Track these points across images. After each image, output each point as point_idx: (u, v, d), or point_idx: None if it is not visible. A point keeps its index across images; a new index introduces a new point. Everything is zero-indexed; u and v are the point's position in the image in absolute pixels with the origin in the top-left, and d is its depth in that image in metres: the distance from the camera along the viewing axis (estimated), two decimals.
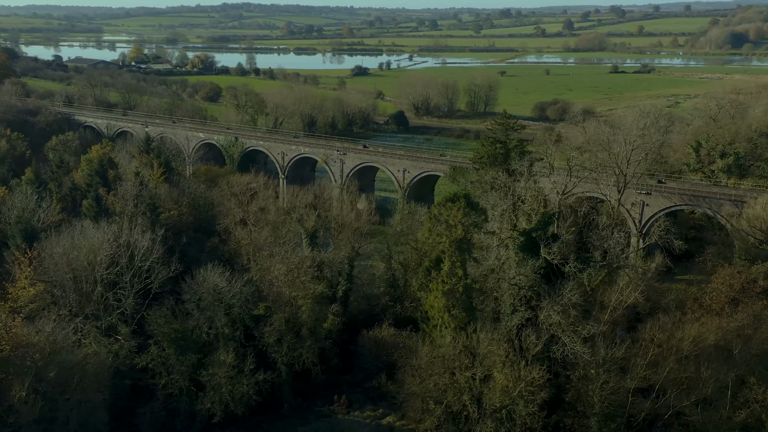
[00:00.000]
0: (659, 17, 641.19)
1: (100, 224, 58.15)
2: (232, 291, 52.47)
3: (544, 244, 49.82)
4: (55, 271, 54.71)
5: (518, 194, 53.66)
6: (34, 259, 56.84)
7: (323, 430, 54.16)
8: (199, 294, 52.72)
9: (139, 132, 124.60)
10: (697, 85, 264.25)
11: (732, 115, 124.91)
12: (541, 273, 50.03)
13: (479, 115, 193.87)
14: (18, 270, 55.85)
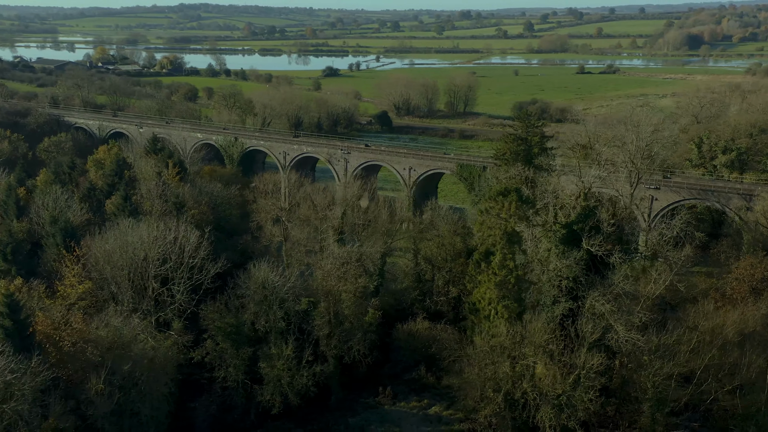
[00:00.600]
0: (615, 19, 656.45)
1: (149, 222, 58.53)
2: (287, 285, 53.64)
3: (586, 236, 52.21)
4: (109, 268, 55.22)
5: (554, 189, 56.09)
6: (81, 257, 57.24)
7: (373, 420, 55.61)
8: (253, 288, 53.75)
9: (133, 133, 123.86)
10: (662, 85, 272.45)
11: (713, 114, 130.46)
12: (582, 264, 52.44)
13: (459, 115, 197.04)
14: (65, 268, 56.19)
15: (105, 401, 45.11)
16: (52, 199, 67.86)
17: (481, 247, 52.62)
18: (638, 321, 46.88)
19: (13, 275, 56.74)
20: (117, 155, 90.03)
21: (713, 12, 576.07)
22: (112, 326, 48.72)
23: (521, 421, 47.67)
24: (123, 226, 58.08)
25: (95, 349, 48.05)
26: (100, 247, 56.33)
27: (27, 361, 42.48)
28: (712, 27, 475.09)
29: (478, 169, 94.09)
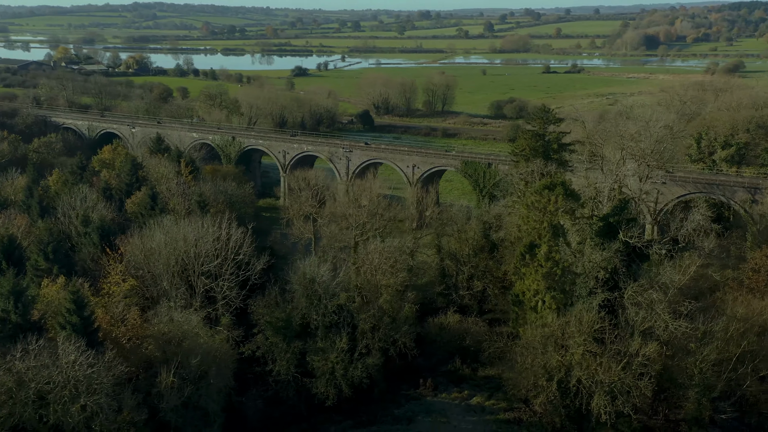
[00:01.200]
0: (571, 20, 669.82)
1: (193, 219, 58.92)
2: (336, 280, 54.71)
3: (624, 227, 54.53)
4: (160, 265, 55.57)
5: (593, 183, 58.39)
6: (124, 255, 57.37)
7: (418, 411, 56.81)
8: (303, 284, 54.65)
9: (125, 133, 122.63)
10: (627, 84, 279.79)
11: (694, 111, 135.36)
12: (620, 256, 54.67)
13: (437, 114, 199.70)
14: (109, 266, 56.29)
15: (175, 394, 45.71)
16: (80, 198, 67.49)
17: (525, 240, 54.48)
18: (684, 309, 48.95)
19: (56, 274, 56.58)
20: (126, 155, 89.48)
21: (666, 13, 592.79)
22: (176, 321, 49.30)
23: (574, 409, 49.36)
24: (167, 223, 58.33)
25: (157, 344, 48.69)
26: (147, 244, 56.56)
27: (99, 356, 42.95)
28: (667, 28, 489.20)
29: (483, 166, 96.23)
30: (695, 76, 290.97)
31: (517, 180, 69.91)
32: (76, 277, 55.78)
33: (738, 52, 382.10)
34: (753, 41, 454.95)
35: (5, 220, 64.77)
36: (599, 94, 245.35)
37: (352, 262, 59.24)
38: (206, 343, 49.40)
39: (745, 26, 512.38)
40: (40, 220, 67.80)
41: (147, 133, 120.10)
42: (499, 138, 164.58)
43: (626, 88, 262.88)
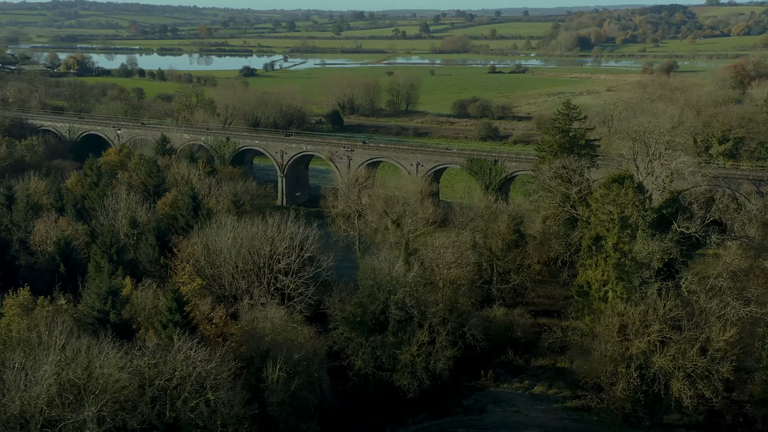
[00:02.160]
0: (502, 21, 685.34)
1: (258, 218, 58.97)
2: (411, 274, 55.92)
3: (681, 218, 57.93)
4: (235, 263, 55.57)
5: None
6: (192, 254, 57.01)
7: (486, 401, 58.48)
8: (378, 279, 55.62)
9: (110, 135, 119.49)
10: (572, 83, 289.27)
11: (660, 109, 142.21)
12: (677, 246, 58.00)
13: (403, 114, 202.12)
14: (179, 266, 55.96)
15: (282, 389, 46.19)
16: (124, 200, 66.40)
17: (591, 232, 57.00)
18: (752, 296, 52.11)
19: (121, 275, 55.78)
20: (140, 156, 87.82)
21: (593, 15, 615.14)
22: (269, 318, 49.62)
23: (653, 395, 51.64)
24: (231, 223, 58.23)
25: (248, 340, 49.01)
26: (214, 244, 56.35)
27: (212, 352, 43.23)
28: (597, 29, 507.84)
29: (489, 163, 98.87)
30: (633, 76, 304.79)
31: (548, 175, 72.43)
32: (145, 278, 55.45)
33: (666, 53, 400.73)
34: (677, 42, 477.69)
35: (50, 223, 63.08)
36: (549, 93, 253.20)
37: (416, 257, 60.31)
38: (298, 338, 49.92)
39: (668, 28, 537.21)
40: (79, 223, 66.31)
41: (133, 135, 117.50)
42: (471, 136, 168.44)
43: (573, 87, 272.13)
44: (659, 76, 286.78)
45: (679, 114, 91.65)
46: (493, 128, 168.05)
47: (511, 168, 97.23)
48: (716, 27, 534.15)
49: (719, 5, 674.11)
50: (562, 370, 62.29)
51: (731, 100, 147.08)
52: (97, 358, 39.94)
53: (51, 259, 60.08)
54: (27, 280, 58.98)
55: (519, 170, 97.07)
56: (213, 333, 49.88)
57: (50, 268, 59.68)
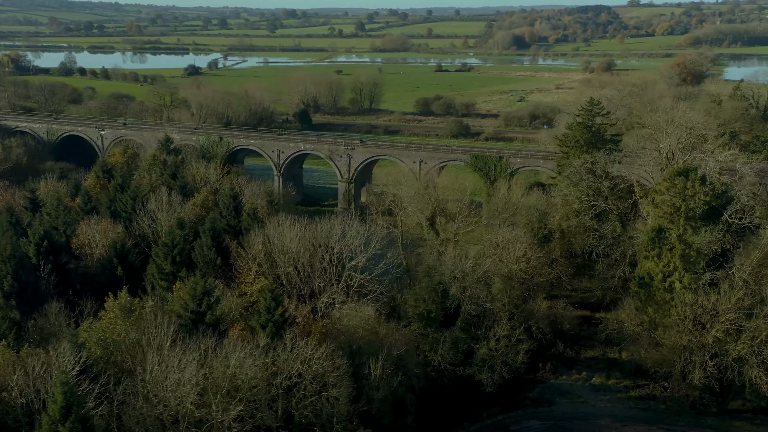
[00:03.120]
0: (435, 21, 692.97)
1: (327, 217, 58.36)
2: (481, 270, 56.62)
3: (730, 209, 60.62)
4: (292, 263, 54.93)
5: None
6: (258, 253, 56.10)
7: (551, 393, 59.77)
8: (449, 275, 56.07)
9: (92, 136, 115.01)
10: (519, 81, 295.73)
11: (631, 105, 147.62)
12: (726, 236, 60.71)
13: (368, 112, 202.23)
14: (244, 266, 55.10)
15: (384, 385, 46.21)
16: (166, 201, 64.44)
17: (653, 224, 58.91)
18: None
19: (185, 276, 54.46)
20: (154, 157, 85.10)
21: (524, 15, 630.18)
22: (358, 316, 49.41)
23: (727, 381, 53.66)
24: (293, 222, 57.61)
25: (337, 337, 48.80)
26: (282, 243, 55.59)
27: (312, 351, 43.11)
28: (530, 29, 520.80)
29: (494, 159, 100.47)
30: (576, 74, 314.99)
31: (579, 170, 74.29)
32: (212, 279, 54.10)
33: (600, 52, 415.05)
34: (606, 42, 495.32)
35: (92, 226, 60.70)
36: (501, 92, 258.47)
37: (482, 252, 60.93)
38: (390, 335, 49.87)
39: (596, 28, 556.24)
40: (119, 225, 64.06)
41: (118, 136, 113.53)
42: (442, 134, 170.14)
43: (522, 85, 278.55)
44: (600, 74, 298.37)
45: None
46: (464, 125, 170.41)
47: (516, 164, 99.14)
48: (640, 27, 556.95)
49: (640, 6, 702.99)
50: (614, 361, 64.16)
51: (692, 96, 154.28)
52: (231, 358, 39.30)
53: (107, 261, 57.94)
54: (82, 284, 56.79)
55: (524, 166, 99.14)
56: (300, 331, 49.29)
57: (105, 272, 57.57)
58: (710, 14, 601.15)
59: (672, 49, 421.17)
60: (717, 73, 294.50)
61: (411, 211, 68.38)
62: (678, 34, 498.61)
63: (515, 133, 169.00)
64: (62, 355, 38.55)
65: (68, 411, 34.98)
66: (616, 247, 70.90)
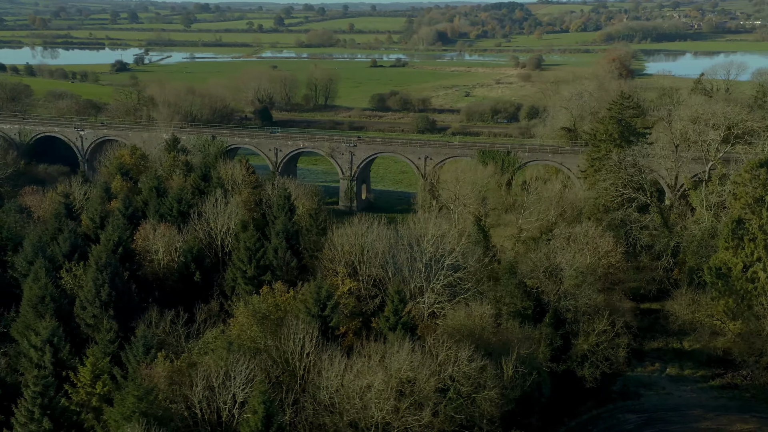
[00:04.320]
0: (351, 16, 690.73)
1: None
2: (574, 267, 56.64)
3: None
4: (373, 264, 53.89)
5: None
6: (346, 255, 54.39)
7: (632, 385, 60.07)
8: (549, 271, 55.89)
9: (70, 136, 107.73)
10: (456, 77, 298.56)
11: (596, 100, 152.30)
12: None
13: (324, 108, 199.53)
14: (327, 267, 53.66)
15: (519, 385, 45.69)
16: (223, 204, 61.35)
17: (733, 215, 60.45)
18: None
19: (271, 280, 52.19)
20: (174, 159, 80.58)
21: (443, 11, 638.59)
22: (475, 315, 48.66)
23: None
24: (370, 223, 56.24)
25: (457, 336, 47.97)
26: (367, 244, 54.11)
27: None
28: (451, 25, 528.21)
29: (502, 154, 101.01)
30: (508, 69, 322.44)
31: (618, 163, 75.68)
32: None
33: (523, 47, 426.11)
34: (525, 37, 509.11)
35: (149, 230, 57.11)
36: (444, 86, 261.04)
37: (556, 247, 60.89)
38: (506, 335, 49.26)
39: (512, 24, 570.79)
40: (173, 229, 60.51)
41: (99, 136, 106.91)
42: (408, 129, 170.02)
43: (461, 80, 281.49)
44: (531, 69, 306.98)
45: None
46: (430, 121, 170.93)
47: (524, 158, 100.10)
48: (554, 23, 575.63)
49: (551, 3, 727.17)
50: (680, 351, 65.35)
51: (645, 89, 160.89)
52: (398, 361, 37.85)
53: (183, 267, 54.58)
54: (159, 290, 53.51)
55: (532, 160, 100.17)
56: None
57: (183, 277, 54.30)
58: (616, 11, 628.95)
59: (588, 45, 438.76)
60: (640, 68, 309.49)
61: (472, 207, 67.48)
62: (591, 30, 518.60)
63: (480, 127, 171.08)
64: (232, 364, 36.22)
65: (269, 421, 33.21)
66: (658, 240, 72.66)
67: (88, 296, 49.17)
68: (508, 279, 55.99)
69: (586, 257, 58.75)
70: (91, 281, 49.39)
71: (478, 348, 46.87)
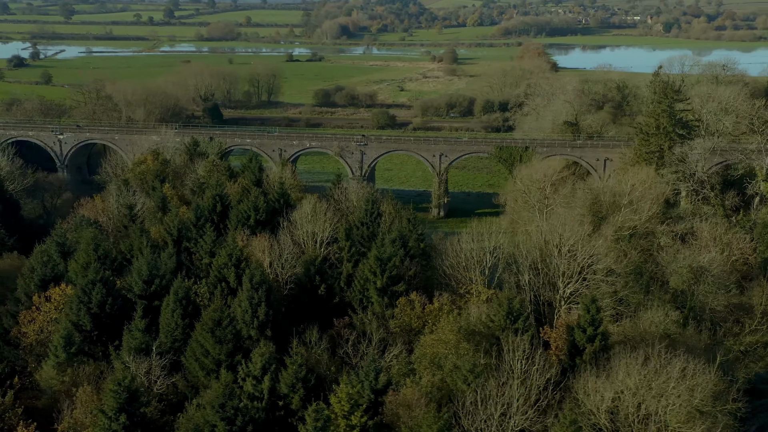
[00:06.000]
0: (240, 9, 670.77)
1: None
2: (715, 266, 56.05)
3: None
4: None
5: None
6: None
7: None
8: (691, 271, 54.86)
9: (47, 141, 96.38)
10: (380, 71, 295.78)
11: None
12: None
13: (269, 105, 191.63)
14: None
15: None
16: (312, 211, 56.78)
17: None
18: None
19: (403, 291, 48.97)
20: (212, 162, 73.30)
21: (339, 4, 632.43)
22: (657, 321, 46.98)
23: None
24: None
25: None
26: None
27: None
28: (352, 19, 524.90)
29: (519, 150, 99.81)
30: (427, 63, 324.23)
31: (680, 156, 76.16)
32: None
33: (429, 41, 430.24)
34: (426, 32, 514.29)
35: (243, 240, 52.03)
36: (375, 81, 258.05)
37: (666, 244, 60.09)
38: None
39: (410, 18, 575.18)
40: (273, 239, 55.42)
41: (80, 140, 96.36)
42: (367, 125, 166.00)
43: (389, 75, 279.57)
44: (449, 63, 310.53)
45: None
46: (391, 116, 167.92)
47: (543, 153, 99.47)
48: (449, 17, 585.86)
49: None
50: None
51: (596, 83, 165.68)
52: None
53: (307, 280, 50.57)
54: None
55: (551, 154, 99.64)
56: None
57: (306, 291, 49.70)
58: (506, 7, 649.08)
59: (489, 39, 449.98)
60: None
61: (562, 208, 65.48)
62: (487, 25, 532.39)
63: (439, 122, 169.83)
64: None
65: None
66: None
67: (245, 317, 43.71)
68: (635, 280, 54.44)
69: (712, 253, 58.18)
70: (246, 300, 43.86)
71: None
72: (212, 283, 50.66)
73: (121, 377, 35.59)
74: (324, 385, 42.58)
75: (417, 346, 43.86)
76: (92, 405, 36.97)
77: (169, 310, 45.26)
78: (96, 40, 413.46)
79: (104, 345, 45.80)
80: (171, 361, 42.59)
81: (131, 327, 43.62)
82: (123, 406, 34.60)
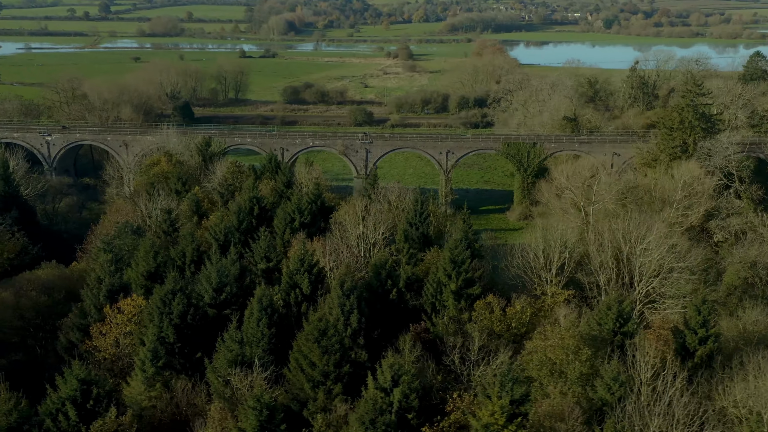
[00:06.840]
0: (183, 4, 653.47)
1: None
2: None
3: None
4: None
5: None
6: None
7: None
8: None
9: (33, 143, 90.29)
10: (337, 68, 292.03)
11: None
12: None
13: (237, 102, 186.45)
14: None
15: None
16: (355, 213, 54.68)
17: None
18: None
19: (478, 293, 47.40)
20: (231, 163, 69.89)
21: (281, 0, 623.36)
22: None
23: None
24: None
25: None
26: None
27: None
28: (295, 14, 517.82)
29: (527, 146, 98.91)
30: (383, 60, 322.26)
31: (708, 150, 76.44)
32: None
33: (379, 37, 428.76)
34: (373, 28, 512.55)
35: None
36: (335, 77, 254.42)
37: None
38: None
39: (355, 14, 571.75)
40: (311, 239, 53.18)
41: (71, 141, 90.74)
42: (344, 123, 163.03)
43: (347, 71, 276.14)
44: (405, 59, 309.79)
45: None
46: (368, 113, 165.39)
47: (551, 149, 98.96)
48: (394, 13, 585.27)
49: None
50: None
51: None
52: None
53: (378, 284, 48.98)
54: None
55: (559, 150, 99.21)
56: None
57: (378, 296, 48.07)
58: (450, 3, 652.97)
59: (436, 35, 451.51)
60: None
61: (608, 204, 64.63)
62: (433, 21, 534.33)
63: (416, 119, 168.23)
64: None
65: None
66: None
67: (337, 325, 41.10)
68: (715, 277, 54.06)
69: None
70: (337, 308, 41.23)
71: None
72: (284, 290, 47.71)
73: (259, 393, 32.83)
74: (431, 394, 40.40)
75: (524, 353, 41.93)
76: (228, 423, 33.95)
77: (254, 319, 42.18)
78: (31, 36, 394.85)
79: (185, 357, 42.48)
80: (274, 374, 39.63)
81: (225, 338, 40.50)
82: (263, 424, 31.77)
